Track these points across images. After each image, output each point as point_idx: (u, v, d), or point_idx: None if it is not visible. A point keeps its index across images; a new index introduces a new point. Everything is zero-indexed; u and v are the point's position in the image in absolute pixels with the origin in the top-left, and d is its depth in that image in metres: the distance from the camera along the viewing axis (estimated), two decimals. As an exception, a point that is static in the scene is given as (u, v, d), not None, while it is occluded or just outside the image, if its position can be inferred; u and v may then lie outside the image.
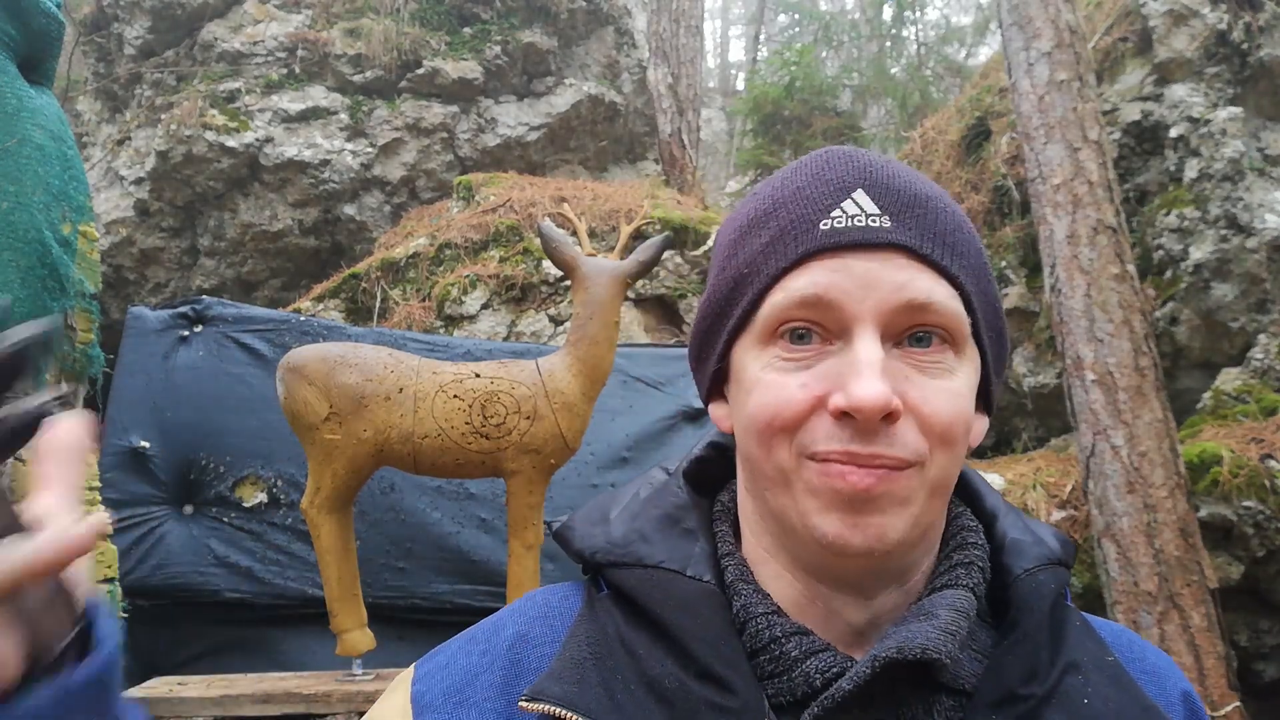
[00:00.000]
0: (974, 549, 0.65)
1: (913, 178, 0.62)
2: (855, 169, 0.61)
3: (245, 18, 6.85)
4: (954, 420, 0.58)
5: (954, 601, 0.60)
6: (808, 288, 0.59)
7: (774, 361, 0.60)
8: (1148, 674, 0.66)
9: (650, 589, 0.63)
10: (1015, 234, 4.50)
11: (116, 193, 6.66)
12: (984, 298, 0.63)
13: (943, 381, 0.59)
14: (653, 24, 7.13)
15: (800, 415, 0.58)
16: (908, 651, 0.55)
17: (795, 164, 0.65)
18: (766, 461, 0.61)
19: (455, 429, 2.42)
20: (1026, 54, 3.94)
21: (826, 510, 0.58)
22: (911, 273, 0.58)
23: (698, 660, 0.59)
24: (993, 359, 0.65)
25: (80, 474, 0.47)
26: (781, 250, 0.60)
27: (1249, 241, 3.74)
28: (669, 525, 0.68)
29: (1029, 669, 0.59)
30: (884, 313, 0.58)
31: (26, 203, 2.11)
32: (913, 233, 0.59)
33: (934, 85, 10.94)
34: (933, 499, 0.60)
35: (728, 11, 21.67)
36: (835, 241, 0.59)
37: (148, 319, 3.27)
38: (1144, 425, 3.28)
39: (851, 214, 0.59)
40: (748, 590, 0.63)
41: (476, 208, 5.74)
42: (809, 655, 0.59)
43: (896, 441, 0.57)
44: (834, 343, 0.59)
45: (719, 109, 15.05)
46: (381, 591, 3.13)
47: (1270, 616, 3.45)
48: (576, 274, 2.59)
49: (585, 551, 0.67)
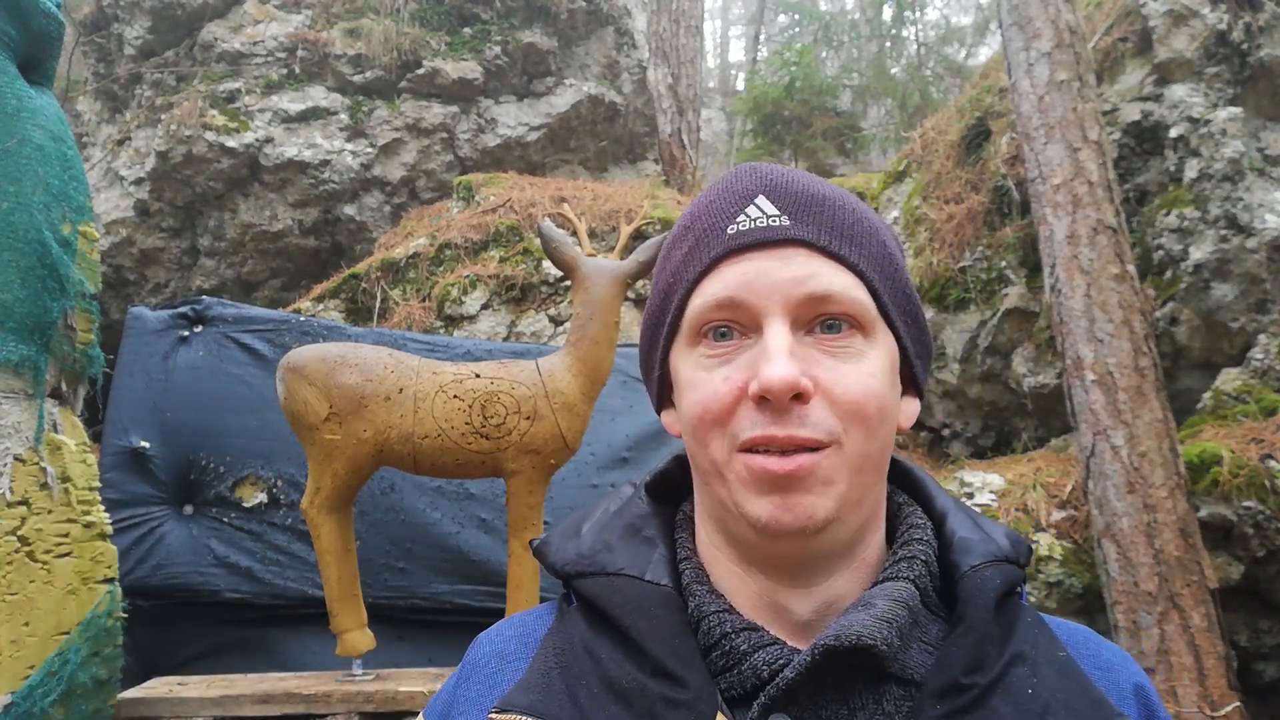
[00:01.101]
0: (918, 544, 0.68)
1: (813, 182, 0.68)
2: (757, 178, 0.68)
3: (245, 18, 6.85)
4: (865, 398, 0.62)
5: (892, 592, 0.63)
6: (720, 289, 0.64)
7: (700, 360, 0.65)
8: (1101, 669, 0.68)
9: (611, 594, 0.67)
10: (1015, 234, 4.50)
11: (116, 193, 6.66)
12: (890, 284, 0.67)
13: (852, 364, 0.63)
14: (653, 24, 7.12)
15: (727, 407, 0.63)
16: (844, 639, 0.58)
17: (712, 182, 0.72)
18: (703, 456, 0.65)
19: (455, 429, 2.42)
20: (1026, 54, 3.94)
21: (757, 496, 0.62)
22: (813, 266, 0.64)
23: (653, 659, 0.62)
24: (910, 341, 0.69)
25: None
26: (697, 258, 0.67)
27: (1249, 241, 3.74)
28: (631, 534, 0.72)
29: (975, 660, 0.61)
30: (789, 304, 0.63)
31: (26, 203, 2.11)
32: (810, 229, 0.64)
33: (934, 85, 10.93)
34: (859, 476, 0.63)
35: (728, 11, 21.67)
36: (740, 243, 0.65)
37: (148, 319, 3.27)
38: (1144, 425, 3.28)
39: (754, 217, 0.65)
40: (701, 591, 0.67)
41: (476, 208, 5.74)
42: (758, 649, 0.62)
43: (808, 421, 0.60)
44: (750, 336, 0.64)
45: (719, 109, 15.04)
46: (381, 592, 3.13)
47: (1270, 616, 3.45)
48: (576, 274, 2.59)
49: (558, 565, 0.72)
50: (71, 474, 2.24)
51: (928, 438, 5.17)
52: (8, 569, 2.05)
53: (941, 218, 4.88)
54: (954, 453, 4.97)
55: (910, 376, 0.70)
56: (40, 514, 2.14)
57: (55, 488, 2.17)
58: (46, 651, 2.10)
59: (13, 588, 2.05)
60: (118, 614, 2.33)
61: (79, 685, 2.15)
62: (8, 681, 1.99)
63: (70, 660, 2.14)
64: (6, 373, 2.10)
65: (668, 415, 0.74)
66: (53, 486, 2.16)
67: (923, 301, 4.92)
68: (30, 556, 2.10)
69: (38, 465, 2.15)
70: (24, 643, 2.05)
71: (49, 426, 2.20)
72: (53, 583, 2.14)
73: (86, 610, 2.21)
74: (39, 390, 2.19)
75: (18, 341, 2.10)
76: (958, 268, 4.72)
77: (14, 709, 2.00)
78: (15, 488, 2.10)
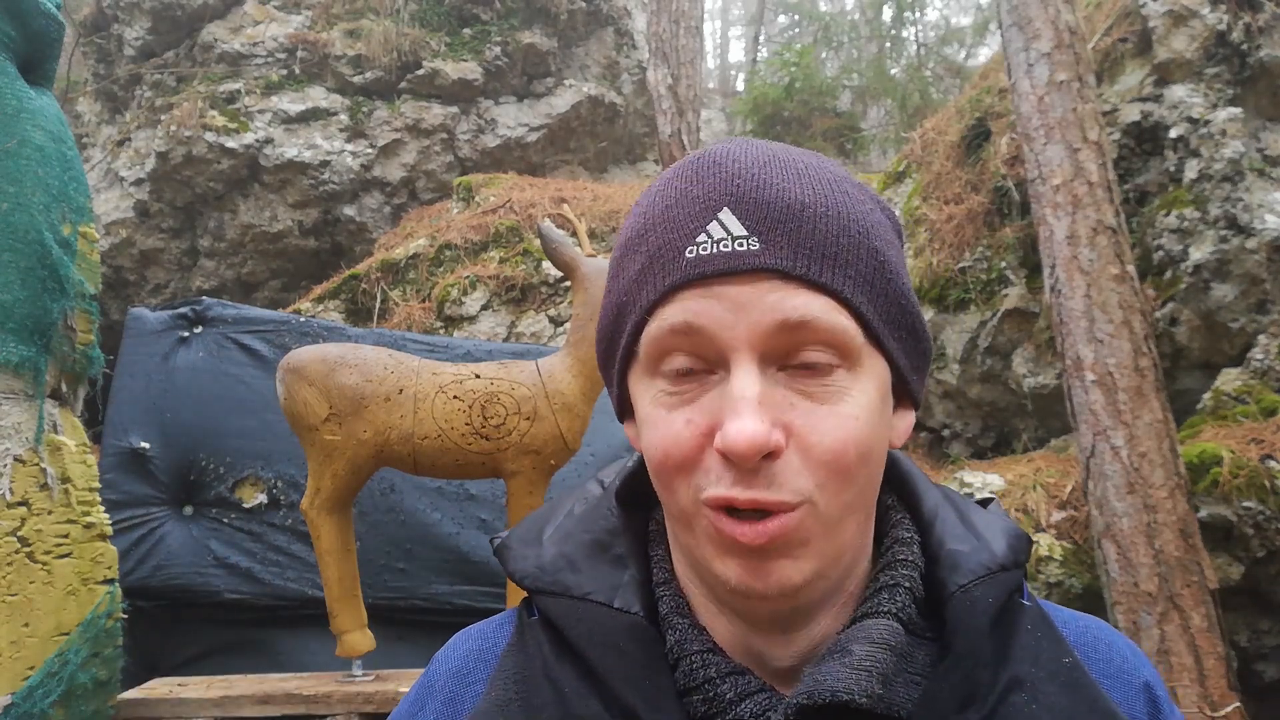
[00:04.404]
0: (903, 566, 0.62)
1: (789, 184, 0.57)
2: (722, 182, 0.57)
3: (245, 19, 6.85)
4: (842, 447, 0.55)
5: (871, 633, 0.57)
6: (678, 316, 0.56)
7: (660, 396, 0.58)
8: (1110, 676, 0.64)
9: (576, 622, 0.61)
10: (1015, 234, 4.50)
11: (116, 194, 6.66)
12: (882, 300, 0.59)
13: (831, 406, 0.55)
14: (652, 25, 7.13)
15: (690, 455, 0.56)
16: (817, 696, 0.54)
17: (671, 171, 0.62)
18: (670, 501, 0.59)
19: (455, 430, 2.42)
20: (1026, 54, 3.94)
21: (726, 557, 0.56)
22: (784, 292, 0.55)
23: (621, 700, 0.57)
24: (904, 356, 0.61)
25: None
26: (651, 281, 0.58)
27: (1249, 242, 3.74)
28: (598, 552, 0.66)
29: (965, 694, 0.56)
30: (758, 337, 0.55)
31: (26, 204, 2.11)
32: (784, 252, 0.55)
33: (934, 86, 10.94)
34: (838, 528, 0.57)
35: (727, 12, 21.68)
36: (700, 271, 0.55)
37: (147, 320, 3.27)
38: (1144, 426, 3.28)
39: (717, 238, 0.56)
40: (683, 625, 0.61)
41: (476, 209, 5.74)
42: (744, 697, 0.57)
43: (776, 481, 0.54)
44: (716, 371, 0.57)
45: (719, 110, 15.04)
46: (382, 592, 3.13)
47: (1270, 617, 3.45)
48: (576, 275, 2.59)
49: (516, 575, 0.66)
50: (71, 475, 2.24)
51: (928, 438, 5.17)
52: (8, 570, 2.05)
53: (941, 218, 4.88)
54: (954, 453, 4.97)
55: (905, 390, 0.63)
56: (40, 515, 2.14)
57: (55, 488, 2.17)
58: (46, 652, 2.09)
59: (13, 588, 2.05)
60: (118, 615, 2.33)
61: (79, 686, 2.15)
62: (8, 682, 1.99)
63: (70, 661, 2.14)
64: (6, 373, 2.10)
65: (630, 428, 0.67)
66: (53, 487, 2.16)
67: (922, 302, 4.93)
68: (30, 557, 2.10)
69: (38, 466, 2.15)
70: (24, 643, 2.05)
71: (49, 427, 2.20)
72: (53, 583, 2.14)
73: (86, 611, 2.21)
74: (39, 391, 2.19)
75: (18, 342, 2.10)
76: (957, 268, 4.72)
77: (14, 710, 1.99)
78: (15, 488, 2.10)
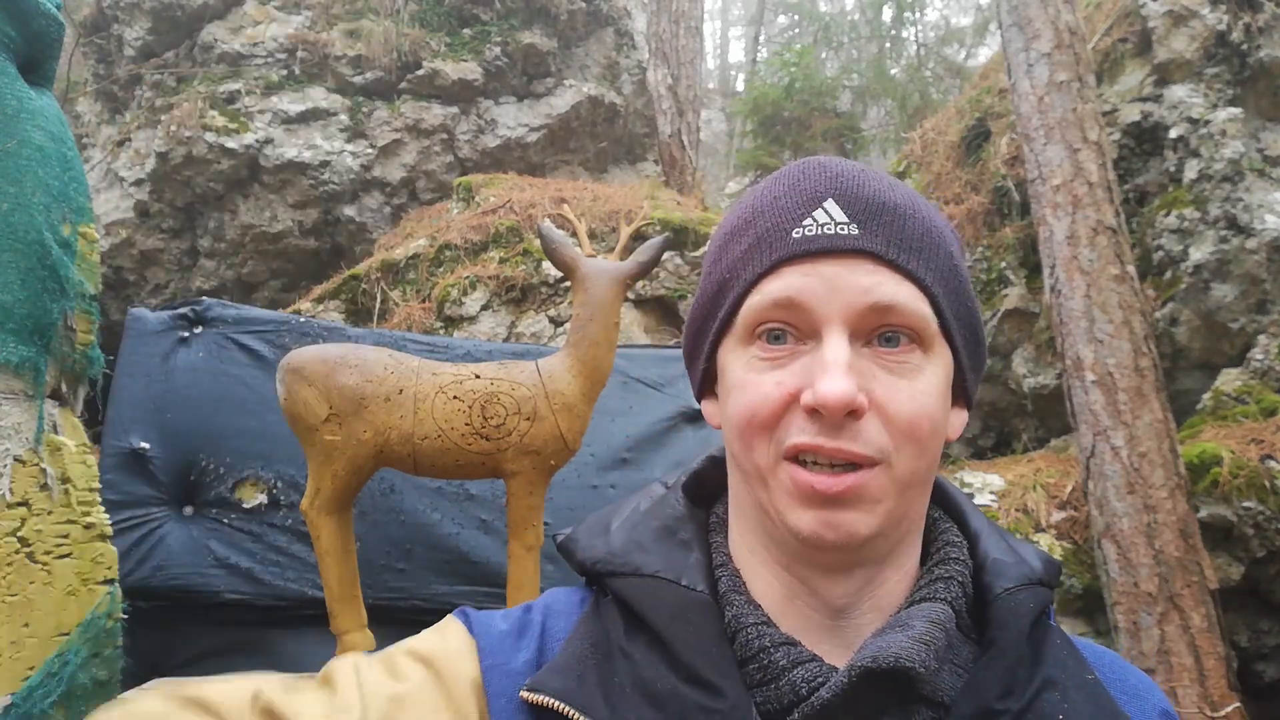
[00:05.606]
0: (955, 564, 0.68)
1: (884, 187, 0.65)
2: (827, 179, 0.65)
3: (245, 19, 6.85)
4: (917, 417, 0.61)
5: (930, 614, 0.63)
6: (781, 291, 0.63)
7: (753, 361, 0.64)
8: (1128, 694, 0.68)
9: (646, 597, 0.66)
10: (1015, 234, 4.50)
11: (116, 194, 6.66)
12: (954, 298, 0.66)
13: (909, 380, 0.62)
14: (652, 25, 7.13)
15: (776, 412, 0.62)
16: (881, 660, 0.58)
17: (776, 174, 0.69)
18: (747, 459, 0.65)
19: (455, 430, 2.42)
20: (1026, 55, 3.94)
21: (801, 508, 0.62)
22: (878, 277, 0.62)
23: (689, 666, 0.62)
24: (966, 355, 0.68)
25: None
26: (758, 257, 0.65)
27: (1249, 242, 3.74)
28: (666, 536, 0.71)
29: (1006, 685, 0.61)
30: (851, 314, 0.61)
31: (26, 204, 2.11)
32: (879, 239, 0.63)
33: (934, 86, 10.93)
34: (905, 493, 0.63)
35: (727, 12, 21.67)
36: (805, 249, 0.63)
37: (147, 320, 3.27)
38: (1144, 426, 3.28)
39: (821, 222, 0.63)
40: (740, 601, 0.67)
41: (476, 209, 5.74)
42: (796, 665, 0.62)
43: (860, 437, 0.60)
44: (807, 342, 0.63)
45: (719, 110, 15.05)
46: (382, 593, 3.13)
47: (1270, 617, 3.45)
48: (576, 275, 2.59)
49: (587, 562, 0.71)
50: (71, 475, 2.24)
51: (928, 438, 5.17)
52: (8, 570, 2.05)
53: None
54: (954, 453, 4.97)
55: (961, 388, 0.69)
56: (40, 515, 2.14)
57: (55, 489, 2.17)
58: (46, 653, 2.09)
59: (12, 589, 2.05)
60: (118, 615, 2.32)
61: (79, 687, 2.15)
62: (7, 683, 1.99)
63: (70, 661, 2.14)
64: (6, 374, 2.10)
65: (709, 405, 0.74)
66: (52, 488, 2.16)
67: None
68: (30, 558, 2.10)
69: (38, 466, 2.15)
70: (24, 644, 2.05)
71: (49, 427, 2.19)
72: (53, 584, 2.14)
73: (86, 611, 2.21)
74: (39, 391, 2.19)
75: (18, 343, 2.09)
76: (958, 268, 4.71)
77: (14, 710, 1.99)
78: (15, 489, 2.10)
